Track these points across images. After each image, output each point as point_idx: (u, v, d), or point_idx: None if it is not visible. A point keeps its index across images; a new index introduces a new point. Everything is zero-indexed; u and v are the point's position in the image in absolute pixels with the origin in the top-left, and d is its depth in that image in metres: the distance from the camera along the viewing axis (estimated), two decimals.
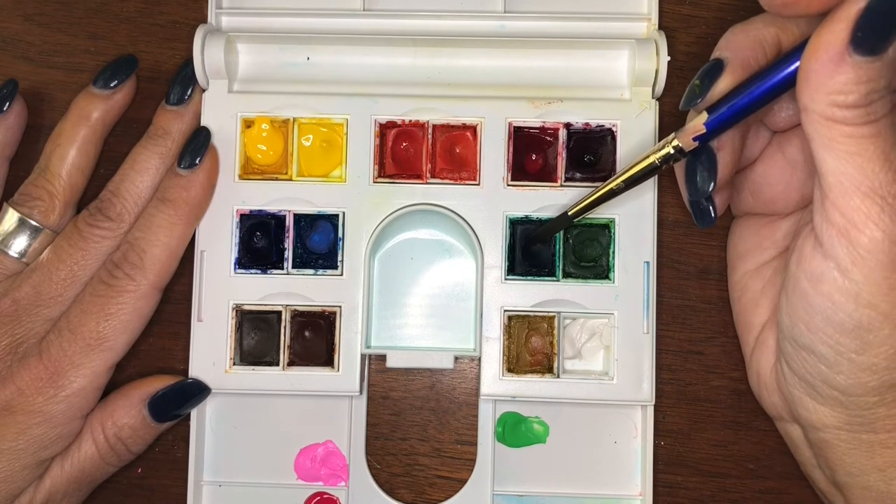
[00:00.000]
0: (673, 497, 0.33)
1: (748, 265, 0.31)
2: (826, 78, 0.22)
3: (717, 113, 0.26)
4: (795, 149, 0.29)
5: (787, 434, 0.31)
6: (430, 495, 0.34)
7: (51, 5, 0.35)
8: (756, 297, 0.30)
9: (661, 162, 0.27)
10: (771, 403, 0.30)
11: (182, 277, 0.33)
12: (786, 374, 0.28)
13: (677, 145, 0.27)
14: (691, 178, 0.28)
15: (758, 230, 0.31)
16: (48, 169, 0.32)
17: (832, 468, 0.28)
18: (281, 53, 0.34)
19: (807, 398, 0.27)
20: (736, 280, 0.32)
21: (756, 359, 0.30)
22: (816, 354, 0.26)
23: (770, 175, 0.29)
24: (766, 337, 0.30)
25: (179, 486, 0.33)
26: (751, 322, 0.31)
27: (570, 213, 0.30)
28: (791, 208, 0.30)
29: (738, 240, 0.32)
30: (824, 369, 0.26)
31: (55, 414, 0.30)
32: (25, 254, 0.32)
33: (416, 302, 0.34)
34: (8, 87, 0.33)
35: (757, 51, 0.26)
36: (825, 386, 0.26)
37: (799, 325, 0.26)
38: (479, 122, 0.33)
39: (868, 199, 0.23)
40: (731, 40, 0.26)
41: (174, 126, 0.32)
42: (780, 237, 0.30)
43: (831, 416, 0.27)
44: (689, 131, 0.26)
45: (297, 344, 0.32)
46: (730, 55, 0.26)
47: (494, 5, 0.33)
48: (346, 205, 0.33)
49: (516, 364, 0.32)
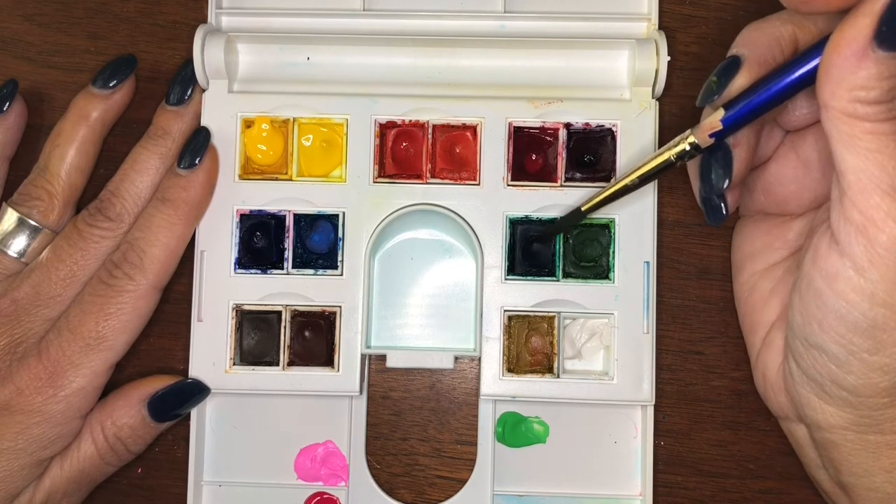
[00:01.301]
0: (673, 497, 0.33)
1: (757, 265, 0.31)
2: (848, 73, 0.22)
3: (734, 109, 0.26)
4: (809, 148, 0.28)
5: (791, 434, 0.31)
6: (430, 495, 0.34)
7: (51, 5, 0.35)
8: (765, 297, 0.30)
9: (676, 158, 0.27)
10: (777, 403, 0.30)
11: (182, 277, 0.33)
12: (794, 373, 0.28)
13: (693, 142, 0.27)
14: (706, 174, 0.28)
15: (768, 230, 0.31)
16: (47, 169, 0.32)
17: (837, 469, 0.28)
18: (281, 53, 0.34)
19: (814, 398, 0.27)
20: (743, 280, 0.31)
21: (763, 359, 0.30)
22: (828, 354, 0.25)
23: (783, 174, 0.29)
24: (774, 337, 0.30)
25: (179, 486, 0.33)
26: (758, 322, 0.31)
27: (583, 209, 0.30)
28: (803, 208, 0.29)
29: (746, 240, 0.32)
30: (834, 369, 0.26)
31: (54, 414, 0.29)
32: (25, 253, 0.31)
33: (416, 302, 0.34)
34: (8, 87, 0.33)
35: (774, 48, 0.26)
36: (834, 386, 0.26)
37: (811, 324, 0.26)
38: (479, 122, 0.33)
39: (888, 196, 0.23)
40: (747, 37, 0.26)
41: (174, 126, 0.32)
42: (792, 237, 0.30)
43: (839, 416, 0.27)
44: (705, 128, 0.26)
45: (297, 344, 0.32)
46: (747, 52, 0.26)
47: (494, 5, 0.33)
48: (346, 205, 0.33)
49: (516, 364, 0.32)
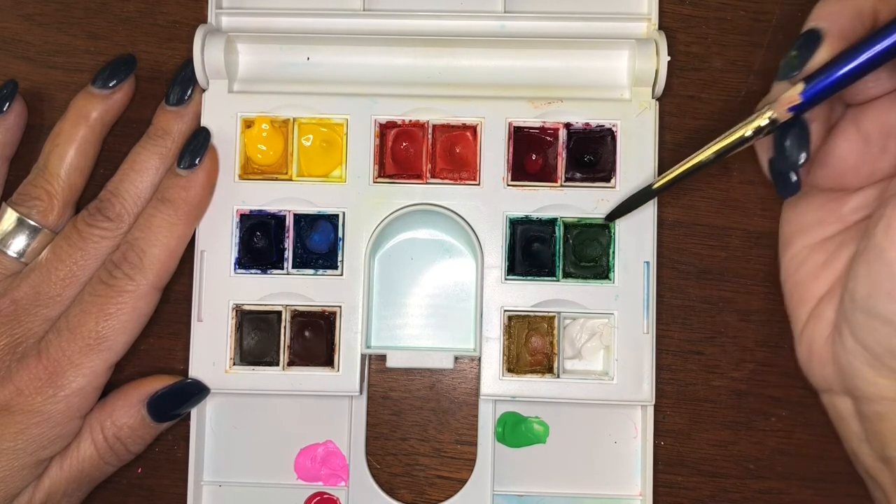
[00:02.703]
0: (673, 497, 0.33)
1: (808, 239, 0.30)
2: None
3: (814, 84, 0.25)
4: (870, 122, 0.28)
5: (834, 407, 0.30)
6: (430, 495, 0.34)
7: (51, 5, 0.35)
8: (815, 272, 0.30)
9: (753, 133, 0.27)
10: (821, 376, 0.30)
11: (182, 277, 0.33)
12: (847, 345, 0.27)
13: (773, 116, 0.27)
14: (781, 149, 0.27)
15: (822, 204, 0.30)
16: (47, 169, 0.32)
17: (883, 442, 0.28)
18: (281, 53, 0.34)
19: (868, 369, 0.27)
20: (793, 254, 0.31)
21: (809, 331, 0.30)
22: (892, 324, 0.25)
23: (842, 148, 0.28)
24: (823, 309, 0.29)
25: (179, 486, 0.33)
26: (806, 296, 0.30)
27: (654, 187, 0.30)
28: (861, 183, 0.29)
29: (797, 214, 0.31)
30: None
31: (54, 414, 0.29)
32: (24, 254, 0.31)
33: (416, 302, 0.34)
34: (8, 87, 0.33)
35: (855, 21, 0.25)
36: (893, 358, 0.26)
37: (879, 295, 0.25)
38: (479, 122, 0.33)
39: None
40: (827, 10, 0.26)
41: (174, 126, 0.32)
42: (846, 212, 0.29)
43: (891, 388, 0.26)
44: (784, 102, 0.26)
45: (297, 344, 0.32)
46: (827, 25, 0.25)
47: (494, 5, 0.33)
48: (346, 205, 0.33)
49: (516, 364, 0.32)
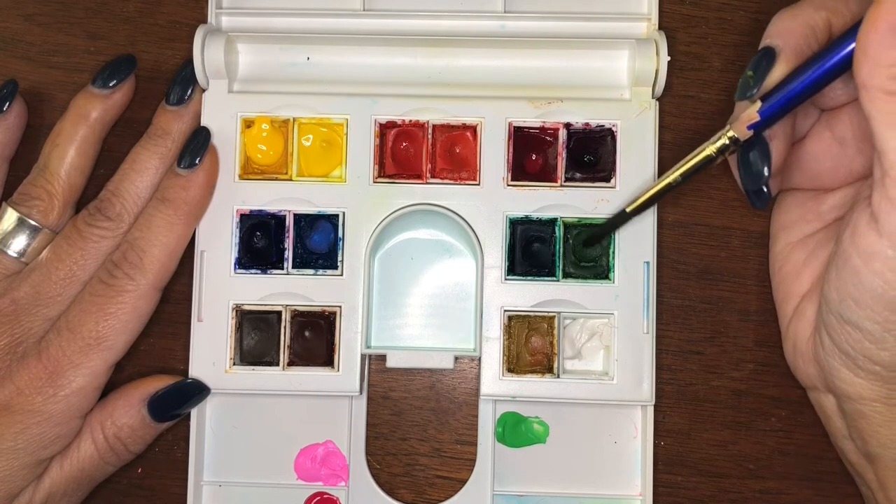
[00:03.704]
0: (673, 497, 0.33)
1: (791, 237, 0.31)
2: (886, 49, 0.22)
3: (771, 101, 0.26)
4: (844, 126, 0.28)
5: (819, 404, 0.31)
6: (430, 495, 0.34)
7: (51, 5, 0.35)
8: (798, 268, 0.30)
9: (717, 153, 0.28)
10: (805, 373, 0.30)
11: (182, 277, 0.33)
12: (825, 345, 0.28)
13: (733, 136, 0.27)
14: (746, 167, 0.28)
15: (803, 202, 0.31)
16: (47, 168, 0.32)
17: (865, 440, 0.28)
18: (281, 53, 0.34)
19: (845, 370, 0.27)
20: (778, 251, 0.31)
21: (793, 328, 0.30)
22: (862, 330, 0.25)
23: (818, 152, 0.29)
24: (805, 307, 0.30)
25: (179, 486, 0.33)
26: (790, 292, 0.31)
27: (627, 210, 0.30)
28: (837, 183, 0.29)
29: (781, 211, 0.32)
30: (869, 345, 0.26)
31: (54, 414, 0.29)
32: (24, 253, 0.31)
33: (416, 302, 0.34)
34: (8, 87, 0.33)
35: (809, 36, 0.25)
36: (868, 361, 0.26)
37: (847, 301, 0.25)
38: (479, 122, 0.33)
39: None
40: (780, 27, 0.26)
41: (174, 126, 0.32)
42: (826, 210, 0.30)
43: (869, 389, 0.27)
44: (743, 120, 0.26)
45: (297, 344, 0.32)
46: (781, 42, 0.25)
47: (494, 5, 0.33)
48: (346, 205, 0.33)
49: (516, 364, 0.32)
